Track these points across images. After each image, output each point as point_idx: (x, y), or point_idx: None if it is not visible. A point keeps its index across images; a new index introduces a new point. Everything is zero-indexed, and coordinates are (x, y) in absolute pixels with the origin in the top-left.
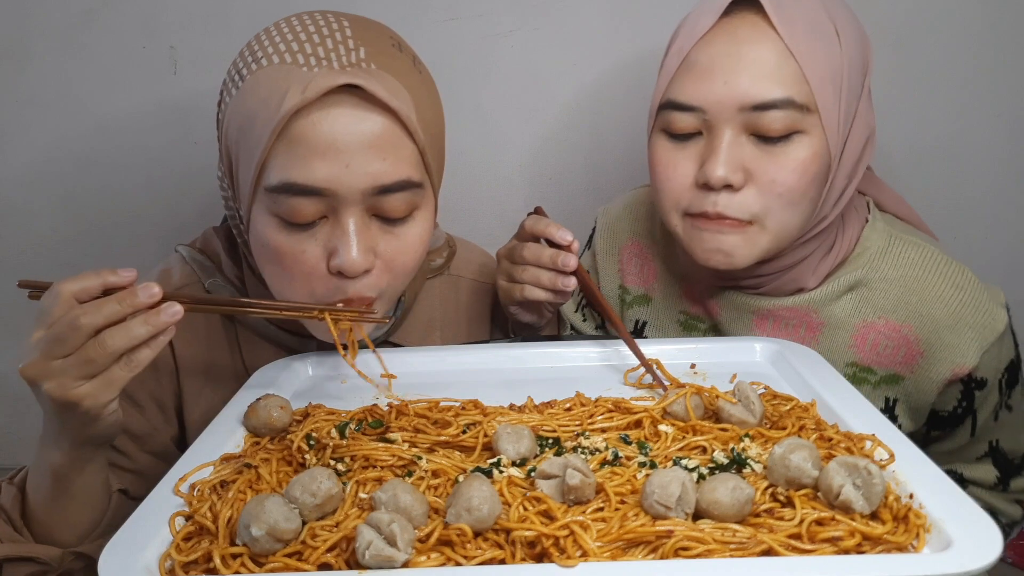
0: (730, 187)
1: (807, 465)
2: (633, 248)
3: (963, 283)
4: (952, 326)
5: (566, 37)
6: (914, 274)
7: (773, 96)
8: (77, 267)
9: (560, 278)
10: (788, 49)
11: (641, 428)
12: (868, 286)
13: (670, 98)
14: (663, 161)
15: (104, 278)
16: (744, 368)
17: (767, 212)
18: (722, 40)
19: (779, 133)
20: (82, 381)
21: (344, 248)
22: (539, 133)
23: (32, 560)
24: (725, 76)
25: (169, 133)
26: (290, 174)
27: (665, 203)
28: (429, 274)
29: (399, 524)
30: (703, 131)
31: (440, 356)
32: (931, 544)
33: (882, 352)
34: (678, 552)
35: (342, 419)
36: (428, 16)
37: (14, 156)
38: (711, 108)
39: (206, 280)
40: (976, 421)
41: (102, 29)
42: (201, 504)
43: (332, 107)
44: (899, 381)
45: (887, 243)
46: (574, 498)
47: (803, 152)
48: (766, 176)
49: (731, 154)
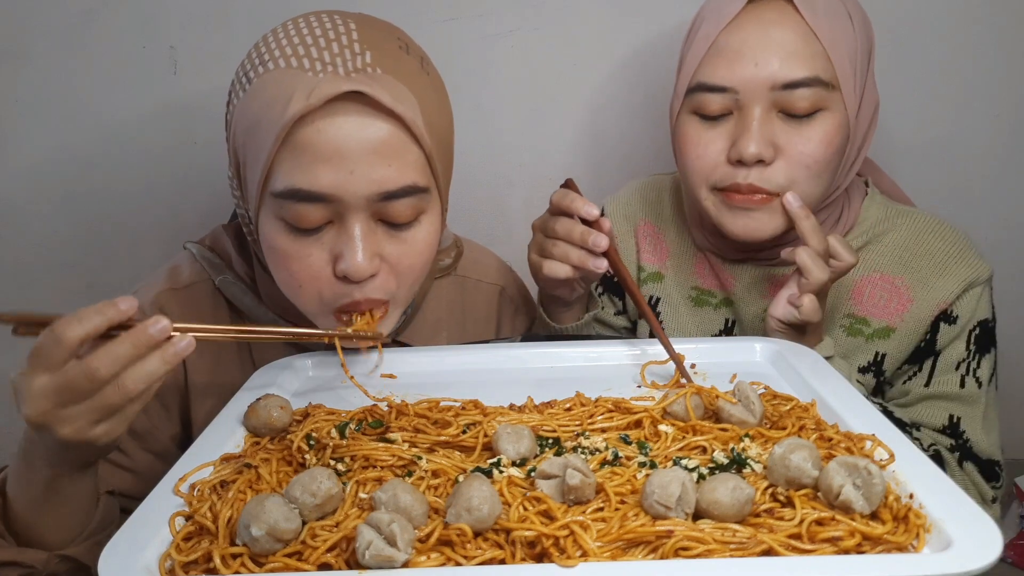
0: (762, 162)
1: (807, 465)
2: (647, 228)
3: (953, 239)
4: (939, 272)
5: (566, 37)
6: (909, 235)
7: (802, 75)
8: (77, 267)
9: (591, 259)
10: (812, 30)
11: (641, 428)
12: (868, 249)
13: (701, 80)
14: (693, 140)
15: (108, 315)
16: (744, 368)
17: (793, 183)
18: (751, 24)
19: (806, 110)
20: (98, 424)
21: (349, 253)
22: (539, 133)
23: (17, 564)
24: (756, 58)
25: (169, 133)
26: (295, 180)
27: (695, 179)
28: (437, 274)
29: (399, 524)
30: (733, 111)
31: (440, 356)
32: (931, 544)
33: (877, 303)
34: (678, 552)
35: (342, 419)
36: (428, 16)
37: (14, 156)
38: (743, 88)
39: (216, 277)
40: (935, 369)
41: (102, 29)
42: (201, 504)
43: (337, 113)
44: (890, 334)
45: (884, 213)
46: (574, 498)
47: (828, 126)
48: (795, 150)
49: (763, 131)
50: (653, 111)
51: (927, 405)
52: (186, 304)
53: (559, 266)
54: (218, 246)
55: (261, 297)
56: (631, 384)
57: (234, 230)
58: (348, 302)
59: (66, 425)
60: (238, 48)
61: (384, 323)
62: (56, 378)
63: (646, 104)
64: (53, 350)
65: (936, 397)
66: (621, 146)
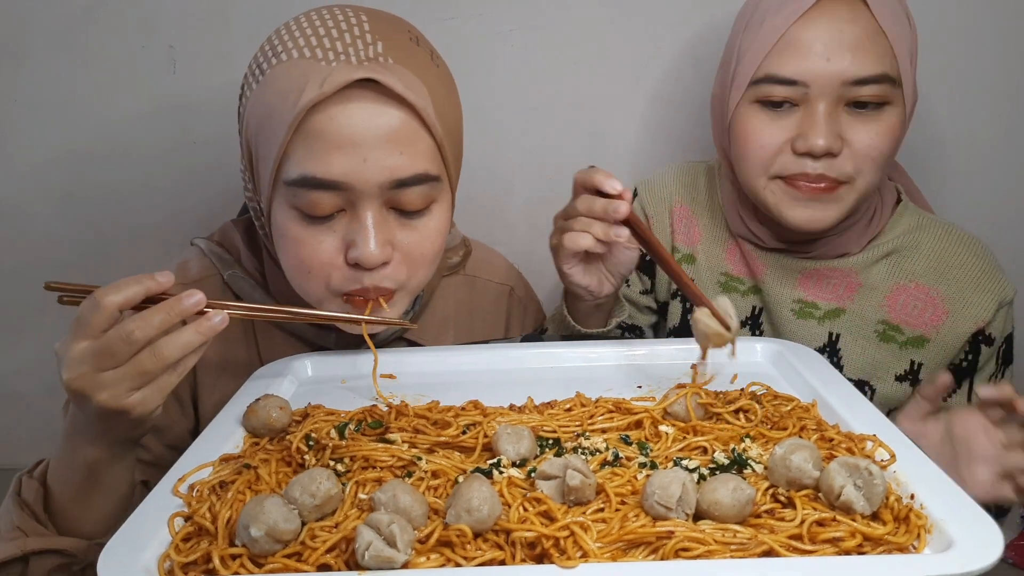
0: (830, 154)
1: (808, 466)
2: (682, 211)
3: (983, 253)
4: (975, 287)
5: (565, 36)
6: (941, 246)
7: (873, 72)
8: (76, 267)
9: (612, 228)
10: (880, 28)
11: (642, 429)
12: (901, 254)
13: (770, 72)
14: (757, 129)
15: (146, 285)
16: (745, 368)
17: (859, 173)
18: (823, 19)
19: (873, 105)
20: (134, 391)
21: (362, 240)
22: (539, 133)
23: (58, 552)
24: (828, 53)
25: (168, 132)
26: (308, 168)
27: (752, 167)
28: (445, 271)
29: (399, 525)
30: (799, 103)
31: (440, 356)
32: (932, 545)
33: (912, 312)
34: (679, 553)
35: (341, 419)
36: (428, 15)
37: (13, 156)
38: (814, 82)
39: (225, 272)
40: (972, 386)
41: (101, 28)
42: (200, 505)
43: (349, 101)
44: (924, 343)
45: (917, 220)
46: (574, 499)
47: (892, 119)
48: (862, 143)
49: (831, 125)
50: (654, 110)
51: None
52: None
53: (580, 236)
54: (227, 241)
55: (270, 291)
56: (631, 384)
57: (243, 225)
58: (356, 288)
59: (103, 391)
60: (237, 47)
61: (393, 309)
62: (95, 344)
63: (647, 104)
64: (92, 317)
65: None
66: (621, 146)
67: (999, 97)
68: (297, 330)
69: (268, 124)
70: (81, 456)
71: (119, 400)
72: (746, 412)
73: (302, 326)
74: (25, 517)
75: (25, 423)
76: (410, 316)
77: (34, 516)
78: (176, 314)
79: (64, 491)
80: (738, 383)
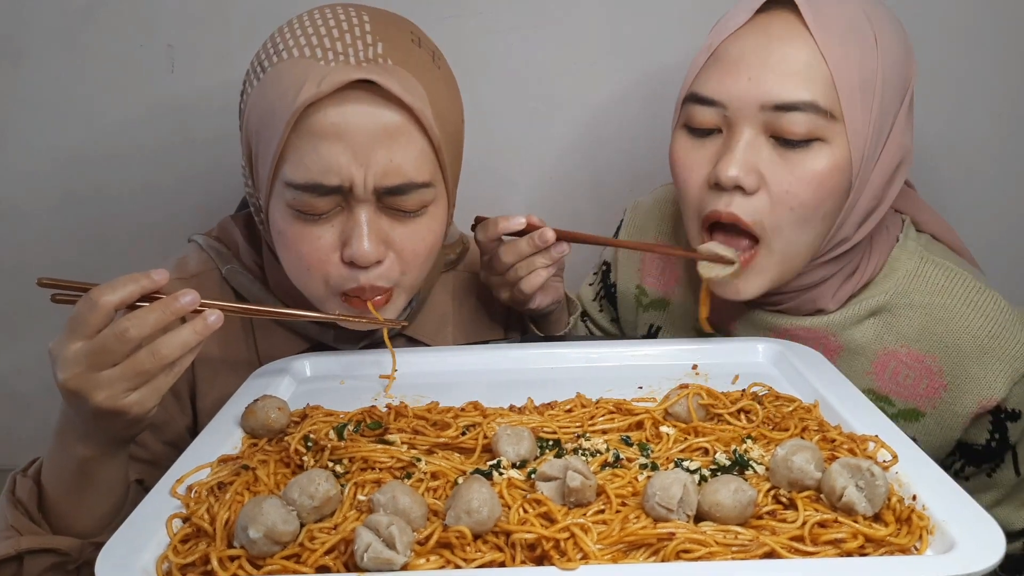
0: (742, 189)
1: (810, 467)
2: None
3: (993, 313)
4: (979, 357)
5: (566, 35)
6: (941, 301)
7: (797, 97)
8: (76, 266)
9: (552, 250)
10: (820, 52)
11: (642, 430)
12: (892, 312)
13: (694, 91)
14: (681, 159)
15: (141, 284)
16: (747, 369)
17: (776, 229)
18: (753, 36)
19: (799, 137)
20: (131, 391)
21: (357, 239)
22: (539, 132)
23: (53, 551)
24: (750, 72)
25: (166, 132)
26: (304, 173)
27: (687, 209)
28: (443, 268)
29: (398, 526)
30: (723, 128)
31: (440, 357)
32: (934, 546)
33: (902, 382)
34: (679, 554)
35: (340, 420)
36: (428, 13)
37: (11, 156)
38: (732, 104)
39: (223, 267)
40: (1017, 456)
41: (99, 28)
42: (198, 506)
43: (346, 101)
44: (919, 418)
45: (917, 266)
46: (575, 500)
47: (822, 162)
48: (780, 186)
49: (746, 154)
50: (654, 111)
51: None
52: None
53: (534, 276)
54: (225, 236)
55: (269, 286)
56: (632, 385)
57: (243, 220)
58: (353, 287)
59: (100, 391)
60: (236, 47)
61: (390, 308)
62: (90, 343)
63: (647, 103)
64: (88, 316)
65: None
66: (622, 146)
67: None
68: (296, 326)
69: (267, 122)
70: (73, 454)
71: (116, 400)
72: (747, 413)
73: (302, 324)
74: (19, 516)
75: (25, 423)
76: (407, 312)
77: (28, 515)
78: (171, 312)
79: (56, 489)
80: (740, 384)
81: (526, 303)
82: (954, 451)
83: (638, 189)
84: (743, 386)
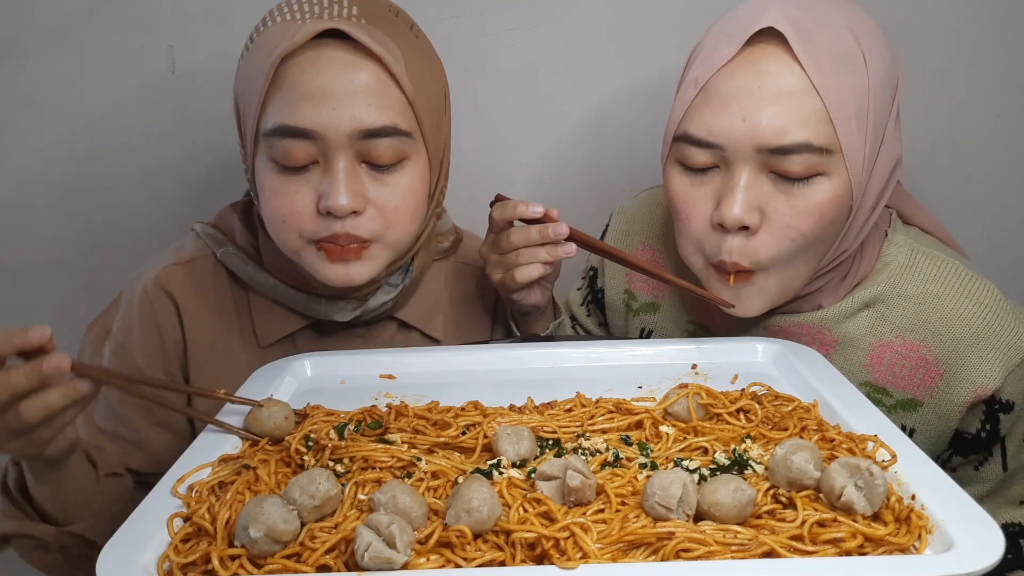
0: (746, 228)
1: (809, 466)
2: (645, 253)
3: (987, 301)
4: (973, 345)
5: (566, 35)
6: (934, 290)
7: (793, 140)
8: (74, 265)
9: (559, 248)
10: (812, 85)
11: (642, 429)
12: (885, 303)
13: (686, 131)
14: (680, 196)
15: (13, 343)
16: (746, 368)
17: (777, 261)
18: (743, 72)
19: (799, 176)
20: (12, 440)
21: (332, 189)
22: (539, 132)
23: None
24: (744, 112)
25: (167, 132)
26: (281, 117)
27: (687, 246)
28: (436, 255)
29: (398, 526)
30: (720, 166)
31: (440, 356)
32: (933, 545)
33: (899, 373)
34: (679, 554)
35: (341, 420)
36: (428, 13)
37: (12, 156)
38: (729, 145)
39: (218, 250)
40: (1006, 450)
41: (100, 28)
42: (199, 505)
43: (320, 53)
44: (917, 407)
45: (908, 257)
46: (574, 499)
47: (822, 196)
48: (781, 221)
49: (748, 194)
50: (655, 111)
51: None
52: (188, 277)
53: (531, 268)
54: (222, 223)
55: (264, 265)
56: (632, 385)
57: (241, 205)
58: (328, 235)
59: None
60: (236, 47)
61: (366, 262)
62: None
63: (648, 103)
64: None
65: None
66: (622, 146)
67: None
68: (289, 302)
69: (250, 83)
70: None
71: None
72: (747, 412)
73: (294, 298)
74: (5, 501)
75: None
76: (399, 291)
77: (13, 501)
78: (34, 378)
79: (29, 480)
80: (739, 383)
81: (513, 291)
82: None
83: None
84: (742, 386)
